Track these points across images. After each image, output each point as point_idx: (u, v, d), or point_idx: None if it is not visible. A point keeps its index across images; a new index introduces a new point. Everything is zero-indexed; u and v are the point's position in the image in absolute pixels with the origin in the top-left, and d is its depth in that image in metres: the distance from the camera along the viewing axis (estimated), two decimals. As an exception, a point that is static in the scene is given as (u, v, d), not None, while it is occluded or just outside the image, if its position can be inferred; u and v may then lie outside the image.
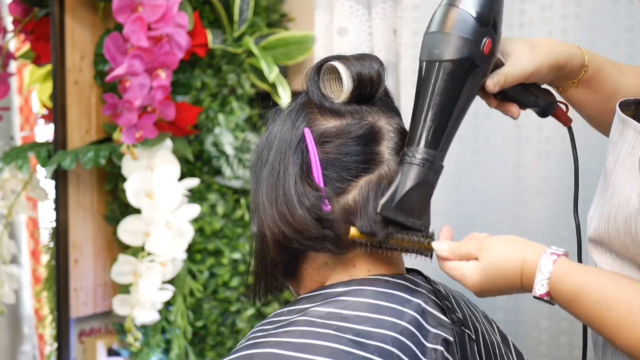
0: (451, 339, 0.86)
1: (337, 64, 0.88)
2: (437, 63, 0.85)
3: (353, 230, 0.84)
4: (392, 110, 0.92)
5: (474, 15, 0.84)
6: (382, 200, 0.84)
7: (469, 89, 0.86)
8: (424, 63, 0.86)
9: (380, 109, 0.90)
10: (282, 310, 0.89)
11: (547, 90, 0.96)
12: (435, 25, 0.86)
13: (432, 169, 0.85)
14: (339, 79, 0.89)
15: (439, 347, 0.84)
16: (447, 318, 0.87)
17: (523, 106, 0.95)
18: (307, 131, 0.88)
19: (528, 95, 0.94)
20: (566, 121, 0.98)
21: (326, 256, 0.89)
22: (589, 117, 1.00)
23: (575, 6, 1.42)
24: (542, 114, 0.97)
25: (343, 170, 0.86)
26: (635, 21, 1.39)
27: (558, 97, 0.98)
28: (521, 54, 0.90)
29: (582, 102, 0.96)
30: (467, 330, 0.89)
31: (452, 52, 0.84)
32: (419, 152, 0.85)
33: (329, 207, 0.85)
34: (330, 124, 0.88)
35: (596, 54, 0.95)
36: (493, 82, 0.89)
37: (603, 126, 0.97)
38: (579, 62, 0.93)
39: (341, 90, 0.89)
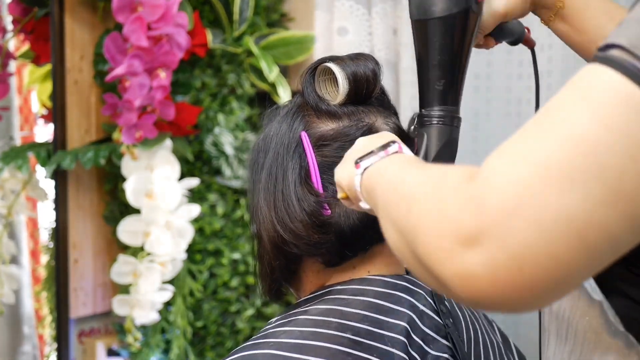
0: (447, 343, 0.85)
1: (331, 65, 0.88)
2: (436, 20, 0.82)
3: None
4: (388, 109, 0.92)
5: None
6: None
7: (469, 37, 0.85)
8: (422, 22, 0.83)
9: (377, 109, 0.90)
10: (281, 314, 0.89)
11: (517, 20, 0.95)
12: None
13: (453, 125, 0.85)
14: (335, 79, 0.88)
15: (444, 355, 0.84)
16: (442, 321, 0.87)
17: (499, 40, 0.94)
18: (304, 135, 0.87)
19: (502, 29, 0.93)
20: (531, 44, 0.97)
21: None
22: (581, 56, 0.97)
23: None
24: (514, 43, 0.96)
25: None
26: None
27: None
28: None
29: (567, 39, 0.94)
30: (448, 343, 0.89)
31: (450, 6, 0.82)
32: (438, 110, 0.84)
33: (329, 211, 0.85)
34: (327, 126, 0.88)
35: None
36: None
37: None
38: None
39: (337, 91, 0.88)
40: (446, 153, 0.84)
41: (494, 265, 0.49)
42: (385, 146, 0.71)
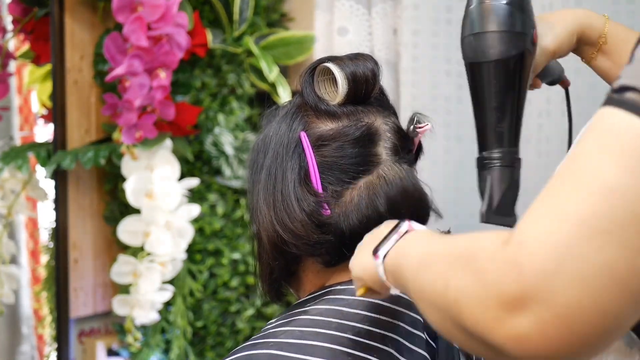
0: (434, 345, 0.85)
1: (330, 65, 0.88)
2: (494, 62, 0.82)
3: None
4: (387, 109, 0.92)
5: (517, 6, 0.83)
6: (482, 209, 0.84)
7: (526, 78, 0.85)
8: (478, 64, 0.83)
9: (376, 109, 0.90)
10: (281, 314, 0.89)
11: (556, 60, 0.96)
12: (481, 24, 0.83)
13: (515, 166, 0.85)
14: (334, 79, 0.88)
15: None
16: None
17: (543, 80, 0.96)
18: (303, 135, 0.87)
19: (547, 69, 0.94)
20: (566, 84, 0.99)
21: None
22: None
23: (575, 5, 1.42)
24: (552, 83, 0.97)
25: (341, 173, 0.86)
26: (635, 21, 1.39)
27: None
28: (542, 35, 0.88)
29: (607, 74, 0.94)
30: None
31: (509, 49, 0.81)
32: (497, 152, 0.84)
33: (329, 211, 0.85)
34: (326, 126, 0.88)
35: (623, 26, 0.93)
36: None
37: None
38: (597, 32, 0.91)
39: (336, 91, 0.88)
40: (511, 195, 0.85)
41: (543, 326, 0.49)
42: (395, 228, 0.72)
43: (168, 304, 1.65)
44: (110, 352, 1.70)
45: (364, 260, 0.75)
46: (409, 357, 0.82)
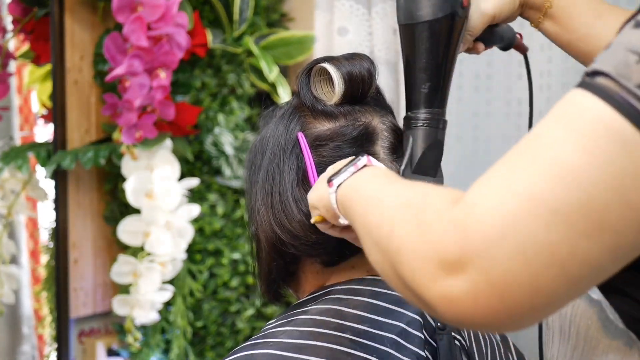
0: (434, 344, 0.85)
1: (327, 65, 0.88)
2: (422, 24, 0.83)
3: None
4: (384, 108, 0.92)
5: None
6: (401, 167, 0.84)
7: (455, 41, 0.85)
8: (409, 26, 0.84)
9: (373, 108, 0.90)
10: (281, 315, 0.89)
11: (507, 25, 0.96)
12: None
13: (439, 127, 0.85)
14: (330, 80, 0.89)
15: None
16: (434, 323, 0.87)
17: (489, 45, 0.95)
18: (300, 136, 0.87)
19: (492, 33, 0.93)
20: (523, 49, 0.98)
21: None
22: (573, 57, 0.97)
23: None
24: (505, 48, 0.97)
25: None
26: (635, 21, 1.39)
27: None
28: None
29: (556, 39, 0.94)
30: (458, 336, 0.89)
31: (436, 11, 0.82)
32: (424, 113, 0.85)
33: (328, 211, 0.85)
34: (323, 126, 0.88)
35: None
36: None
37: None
38: None
39: (333, 91, 0.88)
40: (432, 155, 0.85)
41: (476, 292, 0.50)
42: (353, 160, 0.73)
43: (168, 304, 1.65)
44: (110, 352, 1.70)
45: (319, 188, 0.77)
46: (408, 357, 0.82)
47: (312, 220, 0.79)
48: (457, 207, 0.52)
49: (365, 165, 0.72)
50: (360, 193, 0.68)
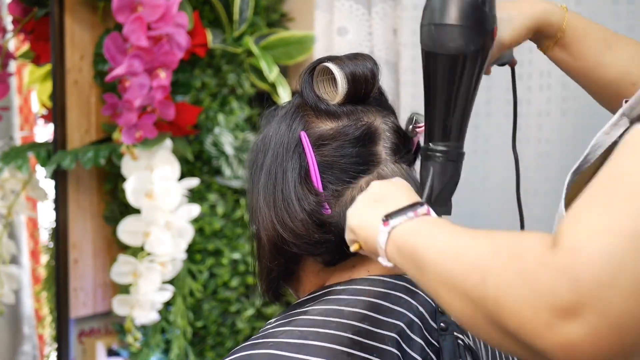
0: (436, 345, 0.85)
1: (330, 65, 0.88)
2: (453, 56, 0.80)
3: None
4: (387, 108, 0.92)
5: (480, 1, 0.81)
6: (422, 200, 0.83)
7: (480, 74, 0.85)
8: (436, 55, 0.81)
9: (376, 108, 0.90)
10: (281, 314, 0.89)
11: None
12: (443, 15, 0.80)
13: (459, 161, 0.85)
14: (333, 79, 0.89)
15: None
16: (434, 323, 0.87)
17: (496, 64, 0.96)
18: (303, 135, 0.87)
19: (498, 57, 0.94)
20: (513, 63, 0.98)
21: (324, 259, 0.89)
22: (579, 84, 0.98)
23: (575, 6, 1.42)
24: (502, 64, 0.97)
25: (341, 172, 0.86)
26: (635, 21, 1.39)
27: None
28: (500, 30, 0.88)
29: (563, 65, 0.95)
30: (460, 336, 0.89)
31: (469, 43, 0.79)
32: (445, 146, 0.84)
33: (329, 210, 0.85)
34: (326, 126, 0.88)
35: (587, 20, 0.93)
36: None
37: (597, 98, 0.97)
38: (555, 28, 0.92)
39: (336, 91, 0.88)
40: (450, 187, 0.85)
41: (596, 335, 0.51)
42: (414, 206, 0.70)
43: (168, 304, 1.65)
44: (110, 352, 1.70)
45: (368, 218, 0.74)
46: (408, 357, 0.82)
47: (352, 249, 0.77)
48: (559, 253, 0.53)
49: (424, 214, 0.70)
50: (429, 240, 0.66)
